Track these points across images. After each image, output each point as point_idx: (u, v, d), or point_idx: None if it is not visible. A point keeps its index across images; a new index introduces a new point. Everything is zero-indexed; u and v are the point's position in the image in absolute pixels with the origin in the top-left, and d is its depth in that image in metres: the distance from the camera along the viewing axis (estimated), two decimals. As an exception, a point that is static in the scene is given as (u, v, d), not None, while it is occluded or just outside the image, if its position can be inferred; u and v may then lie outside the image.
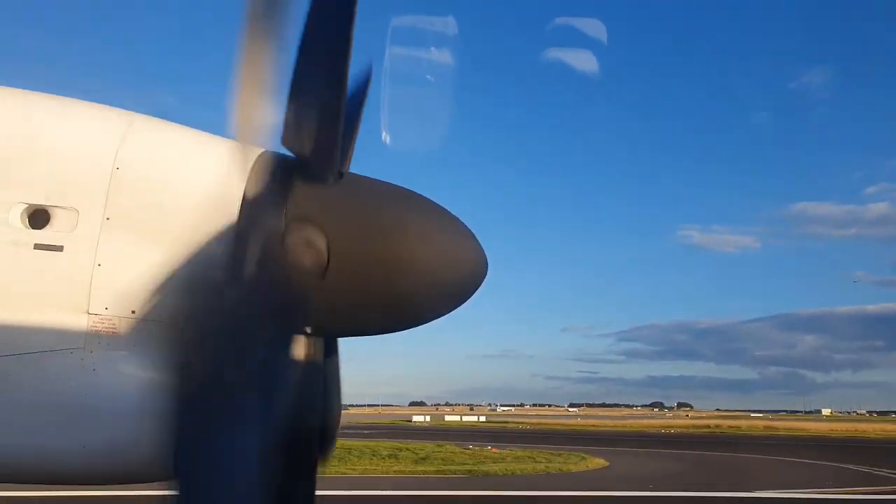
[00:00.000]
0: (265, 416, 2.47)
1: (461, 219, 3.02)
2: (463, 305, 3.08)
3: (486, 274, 3.02)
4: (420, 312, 3.00)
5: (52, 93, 3.08)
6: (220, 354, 2.89)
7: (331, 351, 3.22)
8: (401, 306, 2.92)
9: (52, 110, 2.96)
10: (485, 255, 3.02)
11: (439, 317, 3.05)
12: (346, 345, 3.28)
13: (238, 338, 2.78)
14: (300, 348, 2.72)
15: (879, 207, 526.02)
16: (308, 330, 2.78)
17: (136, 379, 2.64)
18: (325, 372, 3.01)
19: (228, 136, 3.12)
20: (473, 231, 3.03)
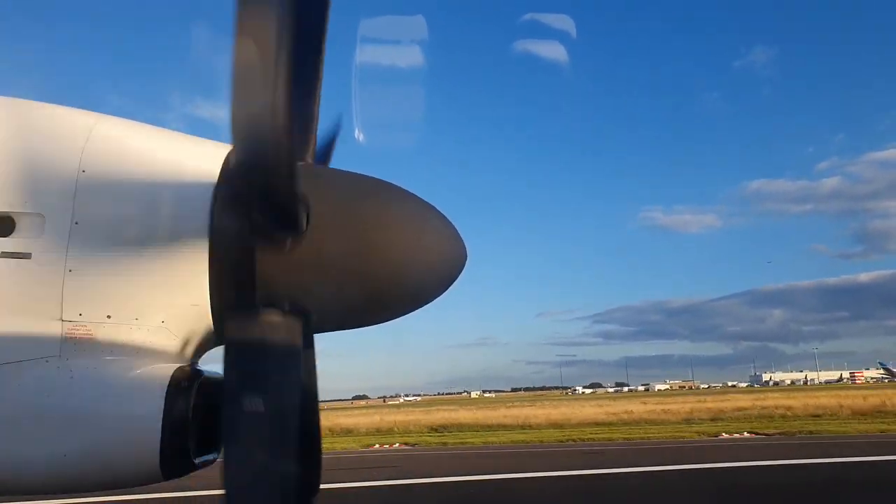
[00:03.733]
0: (255, 408, 2.46)
1: (438, 208, 3.03)
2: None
3: (465, 263, 3.04)
4: (400, 304, 3.01)
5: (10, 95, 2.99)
6: (202, 352, 2.87)
7: (307, 345, 3.21)
8: (380, 298, 2.92)
9: (11, 113, 2.87)
10: (463, 245, 3.04)
11: (420, 307, 3.06)
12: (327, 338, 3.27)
13: (219, 335, 2.76)
14: (282, 341, 2.70)
15: (832, 182, 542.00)
16: (290, 325, 2.74)
17: (116, 385, 2.60)
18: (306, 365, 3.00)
19: (194, 135, 3.09)
20: (450, 220, 3.04)
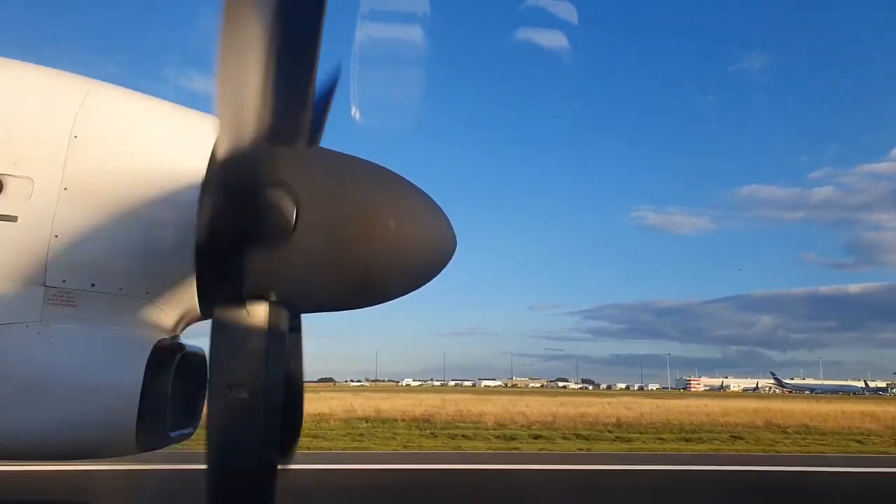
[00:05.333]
0: (237, 386, 2.45)
1: (429, 194, 3.02)
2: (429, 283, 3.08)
3: (454, 251, 3.03)
4: (387, 288, 2.99)
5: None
6: (185, 326, 2.85)
7: (293, 326, 3.20)
8: (367, 282, 2.90)
9: (4, 73, 2.83)
10: (453, 232, 3.02)
11: (406, 293, 3.04)
12: (313, 320, 3.25)
13: (203, 310, 2.75)
14: (266, 320, 2.69)
15: (824, 192, 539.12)
16: (274, 300, 2.73)
17: (96, 354, 2.59)
18: (290, 346, 2.99)
19: (188, 106, 3.06)
20: (442, 207, 3.03)
